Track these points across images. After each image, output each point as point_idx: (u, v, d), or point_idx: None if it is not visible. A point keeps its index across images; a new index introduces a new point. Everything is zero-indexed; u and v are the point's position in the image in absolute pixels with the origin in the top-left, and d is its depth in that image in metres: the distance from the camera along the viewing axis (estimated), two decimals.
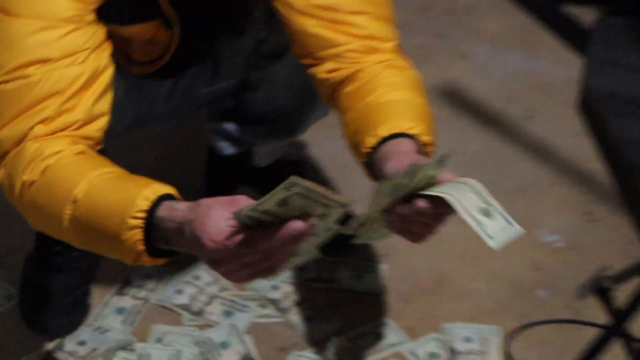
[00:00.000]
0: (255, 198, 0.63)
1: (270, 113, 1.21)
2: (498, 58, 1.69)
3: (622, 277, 0.98)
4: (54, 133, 0.78)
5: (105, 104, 0.84)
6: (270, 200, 0.58)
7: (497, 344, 1.13)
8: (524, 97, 1.59)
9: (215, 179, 1.38)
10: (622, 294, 0.92)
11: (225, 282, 1.18)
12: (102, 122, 0.84)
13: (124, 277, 1.20)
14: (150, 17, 0.93)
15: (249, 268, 0.64)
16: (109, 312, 1.16)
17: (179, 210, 0.67)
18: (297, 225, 0.58)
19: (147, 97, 1.08)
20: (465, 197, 0.67)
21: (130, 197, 0.69)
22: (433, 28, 1.73)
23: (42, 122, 0.78)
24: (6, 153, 0.78)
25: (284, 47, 1.04)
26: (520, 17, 1.77)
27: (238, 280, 0.68)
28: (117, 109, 0.88)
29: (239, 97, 1.22)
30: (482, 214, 0.67)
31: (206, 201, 0.64)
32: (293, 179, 0.55)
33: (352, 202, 0.62)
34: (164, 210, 0.68)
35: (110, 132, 0.87)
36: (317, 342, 1.13)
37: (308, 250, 0.69)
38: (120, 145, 1.34)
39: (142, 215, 0.68)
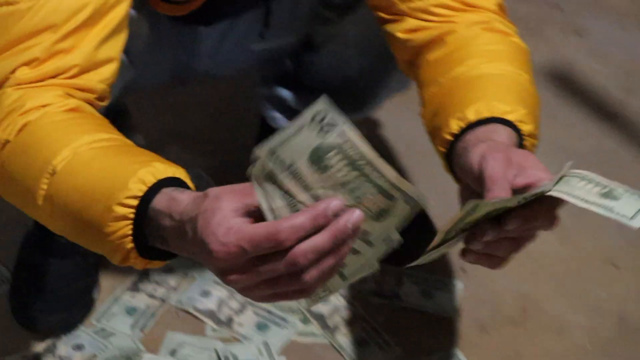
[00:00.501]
0: None
1: (335, 79, 1.11)
2: (621, 38, 1.57)
3: None
4: (42, 80, 0.68)
5: (114, 47, 0.74)
6: (300, 146, 0.45)
7: None
8: None
9: None
10: None
11: None
12: (108, 72, 0.73)
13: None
14: None
15: (272, 285, 0.51)
16: (117, 311, 1.07)
17: (180, 202, 0.54)
18: (335, 204, 0.46)
19: (188, 48, 0.96)
20: (577, 188, 0.59)
21: (123, 177, 0.58)
22: None
23: (27, 63, 0.68)
24: None
25: None
26: None
27: (259, 299, 0.55)
28: (146, 58, 0.82)
29: (300, 58, 1.13)
30: (605, 197, 0.59)
31: (214, 191, 0.52)
32: (324, 103, 0.44)
33: (423, 197, 0.49)
34: (161, 201, 0.56)
35: (138, 86, 0.82)
36: None
37: (356, 268, 0.54)
38: (157, 107, 1.31)
39: (134, 202, 0.56)
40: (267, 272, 0.49)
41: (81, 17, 0.69)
